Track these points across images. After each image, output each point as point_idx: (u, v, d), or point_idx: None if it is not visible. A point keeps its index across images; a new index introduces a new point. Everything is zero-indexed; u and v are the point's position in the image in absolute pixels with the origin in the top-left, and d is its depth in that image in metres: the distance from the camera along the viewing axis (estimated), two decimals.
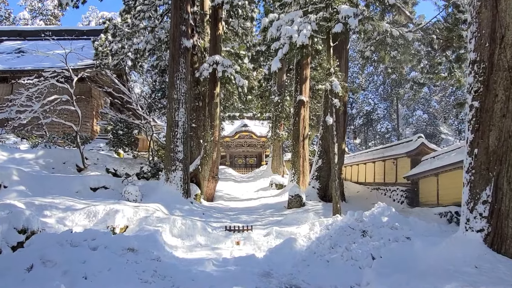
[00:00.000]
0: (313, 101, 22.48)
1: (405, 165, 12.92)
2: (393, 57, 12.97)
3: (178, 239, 8.12)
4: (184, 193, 12.35)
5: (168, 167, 12.47)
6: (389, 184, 14.14)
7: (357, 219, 6.89)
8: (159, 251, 6.49)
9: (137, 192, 11.43)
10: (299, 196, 12.83)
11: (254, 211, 12.81)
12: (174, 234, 8.22)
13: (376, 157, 15.30)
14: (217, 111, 16.17)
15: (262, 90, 31.18)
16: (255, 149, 37.03)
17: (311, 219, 9.94)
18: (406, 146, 12.85)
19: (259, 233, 9.09)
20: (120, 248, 5.21)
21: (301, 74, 17.81)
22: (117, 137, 15.61)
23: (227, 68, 15.43)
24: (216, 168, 15.92)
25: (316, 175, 14.41)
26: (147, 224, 8.32)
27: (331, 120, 9.69)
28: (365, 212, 7.92)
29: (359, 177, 17.96)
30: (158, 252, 6.41)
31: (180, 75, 13.08)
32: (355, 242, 6.42)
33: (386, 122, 60.66)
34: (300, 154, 16.89)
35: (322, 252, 6.46)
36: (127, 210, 8.44)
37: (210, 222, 10.17)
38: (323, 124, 14.65)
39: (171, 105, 12.95)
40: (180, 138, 12.66)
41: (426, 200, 11.37)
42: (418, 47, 15.47)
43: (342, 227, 6.92)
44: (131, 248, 5.24)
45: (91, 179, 12.23)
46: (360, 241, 6.40)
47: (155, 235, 6.98)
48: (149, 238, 6.83)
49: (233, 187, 21.29)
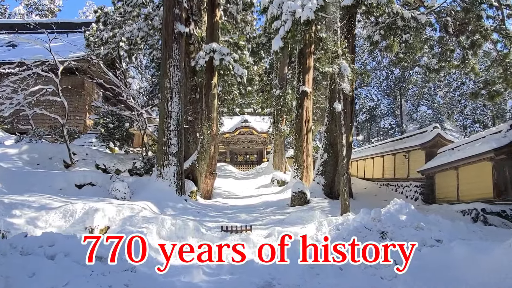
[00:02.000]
0: (317, 93, 21.38)
1: (418, 159, 11.87)
2: (404, 41, 11.88)
3: (166, 241, 7.10)
4: (177, 190, 11.34)
5: (161, 162, 11.45)
6: (400, 179, 13.08)
7: (374, 218, 5.86)
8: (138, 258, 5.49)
9: (125, 189, 10.43)
10: (303, 192, 11.80)
11: (254, 210, 11.80)
12: (162, 236, 7.20)
13: (385, 151, 14.24)
14: (214, 103, 15.15)
15: (263, 84, 30.13)
16: (256, 145, 35.99)
17: (318, 218, 8.91)
18: (420, 137, 11.79)
19: (260, 234, 8.08)
20: (86, 256, 4.20)
21: (304, 63, 16.73)
22: (108, 130, 14.58)
23: (224, 56, 14.40)
24: (213, 163, 14.91)
25: (321, 170, 13.37)
26: (131, 225, 7.31)
27: (339, 106, 8.64)
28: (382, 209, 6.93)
29: (366, 173, 16.91)
30: (138, 258, 5.42)
31: (173, 62, 12.05)
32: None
33: (389, 118, 59.54)
34: (303, 148, 15.84)
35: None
36: (109, 209, 7.43)
37: (205, 221, 9.15)
38: (329, 115, 13.61)
39: (163, 95, 11.93)
40: (174, 130, 11.64)
41: (443, 196, 10.32)
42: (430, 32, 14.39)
43: (356, 227, 5.89)
44: (99, 256, 4.23)
45: (77, 176, 11.23)
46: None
47: (136, 238, 5.95)
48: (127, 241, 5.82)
49: (233, 184, 20.28)
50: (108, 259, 4.29)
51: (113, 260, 4.36)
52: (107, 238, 5.05)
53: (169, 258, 6.13)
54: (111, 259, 4.35)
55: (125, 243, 5.60)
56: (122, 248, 5.06)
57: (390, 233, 5.50)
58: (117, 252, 4.77)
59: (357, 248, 5.19)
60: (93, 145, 17.42)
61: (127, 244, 5.44)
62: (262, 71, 30.59)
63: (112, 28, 16.53)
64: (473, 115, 48.84)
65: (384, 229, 5.60)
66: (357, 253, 5.10)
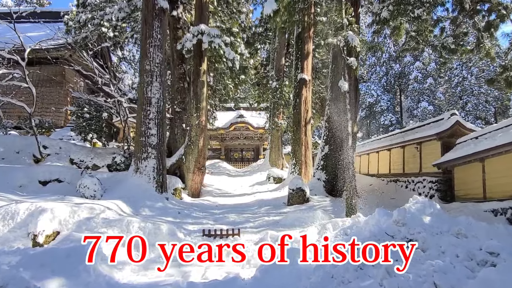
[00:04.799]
0: (316, 83, 19.90)
1: (433, 151, 10.44)
2: (416, 18, 10.43)
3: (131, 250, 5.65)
4: (158, 187, 9.87)
5: (138, 155, 9.99)
6: (411, 174, 11.65)
7: (398, 221, 4.42)
8: (87, 275, 4.06)
9: (95, 185, 8.95)
10: (301, 189, 10.36)
11: (246, 209, 10.35)
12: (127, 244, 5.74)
13: (393, 143, 12.79)
14: (203, 91, 13.65)
15: (259, 77, 28.71)
16: (252, 141, 34.49)
17: (319, 219, 7.49)
18: (435, 126, 10.35)
19: (249, 239, 6.65)
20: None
21: (302, 48, 15.27)
22: (84, 121, 13.07)
23: (214, 39, 12.91)
24: (202, 158, 13.43)
25: (322, 164, 11.92)
26: (87, 229, 5.86)
27: (345, 85, 7.20)
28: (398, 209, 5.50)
29: (370, 168, 15.48)
30: (87, 276, 3.99)
31: (154, 42, 10.57)
32: (398, 259, 3.97)
33: (389, 114, 58.40)
34: (302, 141, 14.40)
35: (344, 275, 3.99)
36: (60, 210, 5.96)
37: (185, 224, 7.70)
38: (330, 103, 12.16)
39: (142, 78, 10.46)
40: (154, 119, 10.17)
41: (465, 193, 8.90)
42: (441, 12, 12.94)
43: (373, 233, 4.44)
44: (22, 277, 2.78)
45: (41, 171, 9.75)
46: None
47: (83, 249, 4.50)
48: (72, 253, 4.37)
49: (226, 181, 18.82)
50: (34, 278, 2.84)
51: (46, 279, 2.92)
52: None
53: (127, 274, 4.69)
54: (38, 278, 2.90)
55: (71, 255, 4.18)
56: (68, 260, 3.64)
57: (420, 242, 4.06)
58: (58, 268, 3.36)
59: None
60: (72, 139, 15.90)
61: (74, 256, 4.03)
62: (258, 63, 29.18)
63: (92, 10, 15.01)
64: (475, 111, 47.57)
65: (412, 237, 4.17)
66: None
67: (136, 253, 5.60)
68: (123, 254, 5.40)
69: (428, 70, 53.69)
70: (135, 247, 5.76)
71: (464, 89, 48.01)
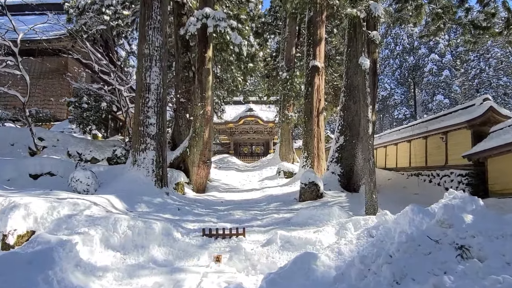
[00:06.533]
0: (329, 71, 18.79)
1: (461, 140, 9.38)
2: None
3: (116, 253, 4.83)
4: (157, 181, 9.06)
5: (136, 146, 9.18)
6: (435, 167, 10.59)
7: (443, 222, 3.48)
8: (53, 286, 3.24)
9: (88, 179, 8.19)
10: (314, 184, 9.42)
11: (254, 205, 9.47)
12: (112, 245, 4.92)
13: (414, 134, 11.71)
14: (209, 79, 12.78)
15: (268, 69, 27.76)
16: (262, 136, 33.55)
17: (336, 217, 6.55)
18: (464, 113, 9.27)
19: (256, 239, 5.77)
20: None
21: (314, 34, 14.25)
22: (83, 112, 12.34)
23: (219, 22, 12.02)
24: (208, 150, 12.59)
25: (336, 156, 10.95)
26: (68, 228, 5.05)
27: (367, 62, 6.22)
28: (432, 206, 4.58)
29: (388, 162, 14.42)
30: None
31: (153, 24, 9.71)
32: (447, 271, 3.04)
33: (403, 108, 56.97)
34: (314, 133, 13.43)
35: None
36: (37, 206, 5.17)
37: (184, 222, 6.85)
38: (346, 90, 11.16)
39: (140, 63, 9.62)
40: (153, 107, 9.34)
41: (502, 187, 7.85)
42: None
43: (410, 236, 3.50)
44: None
45: (33, 164, 9.01)
46: (459, 269, 3.02)
47: (50, 254, 3.68)
48: (35, 259, 3.55)
49: (234, 176, 17.98)
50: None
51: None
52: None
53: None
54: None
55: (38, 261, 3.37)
56: (32, 268, 2.83)
57: (476, 248, 3.12)
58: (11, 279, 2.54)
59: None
60: (73, 132, 15.24)
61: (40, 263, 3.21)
62: (268, 55, 28.27)
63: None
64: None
65: (463, 242, 3.22)
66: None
67: (122, 256, 4.78)
68: (105, 258, 4.58)
69: (444, 62, 51.98)
70: (122, 249, 4.94)
71: (481, 81, 46.36)
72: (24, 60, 14.79)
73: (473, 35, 9.53)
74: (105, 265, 4.42)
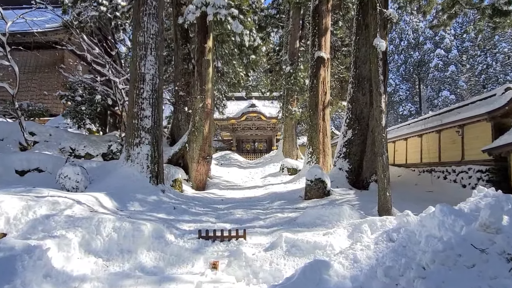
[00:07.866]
0: (334, 62, 18.06)
1: (480, 134, 8.70)
2: None
3: (98, 259, 4.21)
4: (152, 178, 8.45)
5: (130, 140, 8.57)
6: (450, 163, 9.90)
7: (488, 226, 2.83)
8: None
9: (78, 176, 7.57)
10: (321, 181, 8.77)
11: (257, 204, 8.85)
12: (94, 250, 4.31)
13: (426, 128, 11.01)
14: (209, 71, 12.15)
15: (271, 64, 27.10)
16: (264, 132, 32.87)
17: (347, 218, 5.90)
18: (483, 104, 8.57)
19: (258, 242, 5.14)
20: None
21: (319, 23, 13.54)
22: (77, 105, 11.74)
23: (220, 10, 11.36)
24: (208, 145, 11.98)
25: (344, 152, 10.29)
26: (44, 230, 4.45)
27: (383, 43, 5.56)
28: (460, 206, 3.95)
29: (397, 158, 13.74)
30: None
31: (148, 9, 9.08)
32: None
33: (408, 104, 56.16)
34: (320, 127, 12.76)
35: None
36: (9, 205, 4.57)
37: (179, 222, 6.23)
38: (354, 81, 10.49)
39: (135, 52, 8.99)
40: (148, 98, 8.71)
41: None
42: None
43: (448, 244, 2.87)
44: None
45: (19, 159, 8.43)
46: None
47: (13, 264, 3.07)
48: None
49: (236, 173, 17.37)
50: None
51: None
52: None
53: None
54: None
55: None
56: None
57: None
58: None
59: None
60: (69, 127, 14.65)
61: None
62: (271, 49, 27.59)
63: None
64: None
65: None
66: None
67: (104, 263, 4.17)
68: (85, 265, 3.97)
69: (450, 57, 51.03)
70: (106, 254, 4.33)
71: (488, 77, 45.51)
72: (19, 53, 14.22)
73: (493, 20, 8.81)
74: (83, 274, 3.80)
